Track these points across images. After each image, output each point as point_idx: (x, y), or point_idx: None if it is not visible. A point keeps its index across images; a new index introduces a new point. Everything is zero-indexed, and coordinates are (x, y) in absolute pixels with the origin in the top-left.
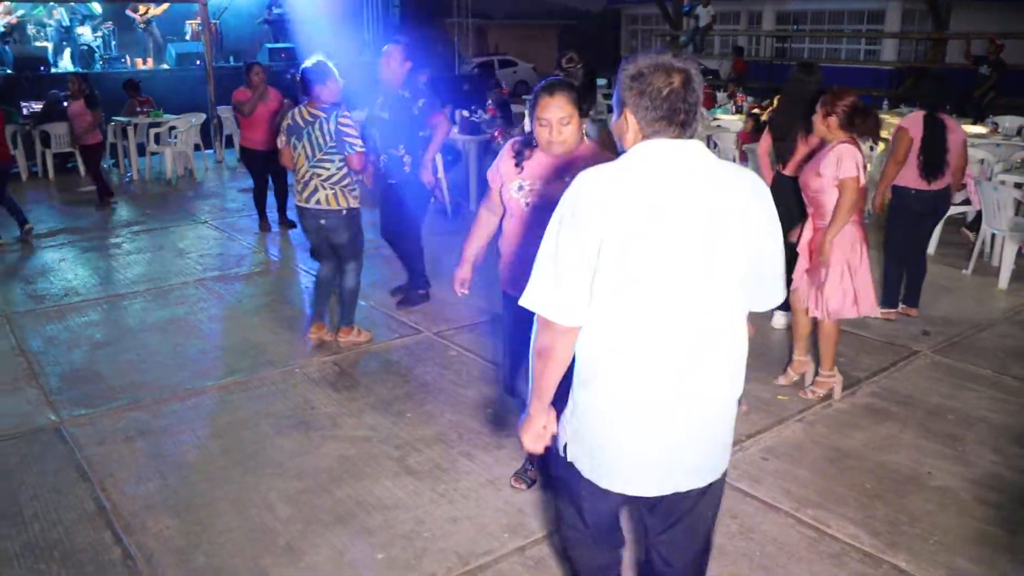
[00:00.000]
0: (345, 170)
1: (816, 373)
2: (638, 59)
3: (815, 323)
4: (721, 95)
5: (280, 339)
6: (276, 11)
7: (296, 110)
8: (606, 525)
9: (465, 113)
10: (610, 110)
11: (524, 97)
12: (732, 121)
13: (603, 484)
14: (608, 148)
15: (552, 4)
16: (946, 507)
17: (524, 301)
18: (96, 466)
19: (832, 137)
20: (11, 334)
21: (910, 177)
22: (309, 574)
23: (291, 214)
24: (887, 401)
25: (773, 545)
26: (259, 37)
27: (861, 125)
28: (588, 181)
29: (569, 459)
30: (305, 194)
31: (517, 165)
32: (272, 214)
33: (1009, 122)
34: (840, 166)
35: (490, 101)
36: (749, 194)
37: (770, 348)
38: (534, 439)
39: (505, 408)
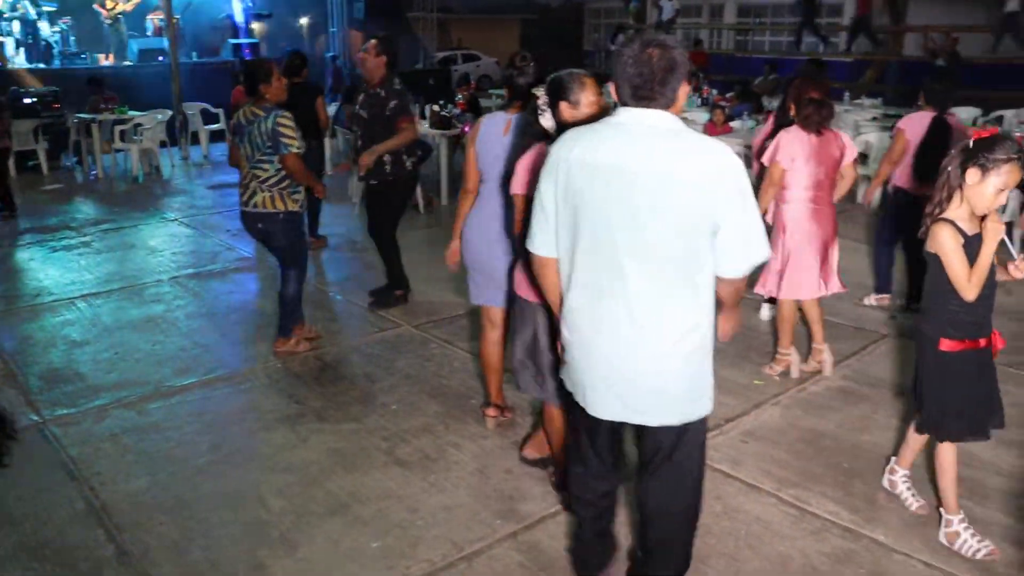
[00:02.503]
0: (283, 172)
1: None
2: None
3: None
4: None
5: (260, 335)
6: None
7: (242, 110)
8: (592, 453)
9: (436, 107)
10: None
11: (490, 91)
12: (698, 114)
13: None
14: None
15: None
16: (919, 484)
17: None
18: (82, 465)
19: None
20: None
21: (905, 177)
22: (306, 565)
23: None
24: (859, 384)
25: (757, 524)
26: (221, 32)
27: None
28: (561, 138)
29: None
30: (245, 196)
31: None
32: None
33: (965, 113)
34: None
35: (460, 96)
36: (701, 160)
37: (756, 337)
38: None
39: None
